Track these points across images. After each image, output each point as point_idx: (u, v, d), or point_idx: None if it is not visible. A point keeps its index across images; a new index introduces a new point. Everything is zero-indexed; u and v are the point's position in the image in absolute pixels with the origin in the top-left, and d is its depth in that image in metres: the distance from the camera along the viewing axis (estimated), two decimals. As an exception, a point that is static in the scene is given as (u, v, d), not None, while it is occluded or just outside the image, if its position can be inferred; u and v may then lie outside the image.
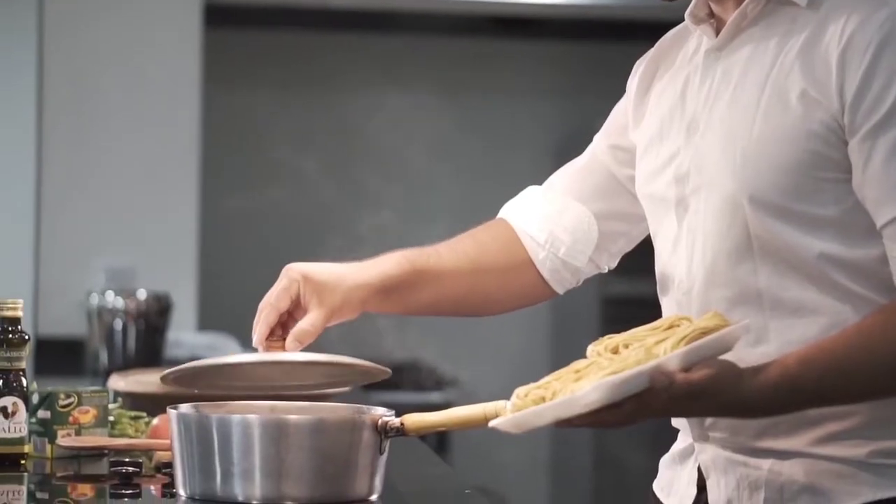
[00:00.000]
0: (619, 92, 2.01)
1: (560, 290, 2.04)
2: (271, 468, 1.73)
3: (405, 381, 5.36)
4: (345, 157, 5.86)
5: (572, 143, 6.30)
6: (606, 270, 2.05)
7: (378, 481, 1.80)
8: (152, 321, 4.22)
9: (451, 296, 2.00)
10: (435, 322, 5.75)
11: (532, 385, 1.61)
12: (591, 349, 1.65)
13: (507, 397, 1.71)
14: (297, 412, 1.86)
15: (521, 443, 5.40)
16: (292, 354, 1.86)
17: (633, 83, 1.96)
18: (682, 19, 1.88)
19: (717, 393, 1.60)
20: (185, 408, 1.82)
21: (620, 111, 1.99)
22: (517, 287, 2.03)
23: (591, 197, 2.00)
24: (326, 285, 1.91)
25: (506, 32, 5.76)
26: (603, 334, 1.69)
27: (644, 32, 2.79)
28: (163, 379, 1.87)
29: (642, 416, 1.59)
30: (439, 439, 5.22)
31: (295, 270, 1.91)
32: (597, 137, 2.03)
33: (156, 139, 4.80)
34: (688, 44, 1.88)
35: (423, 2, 5.33)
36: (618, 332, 1.68)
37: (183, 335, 4.40)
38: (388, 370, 1.89)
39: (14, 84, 4.81)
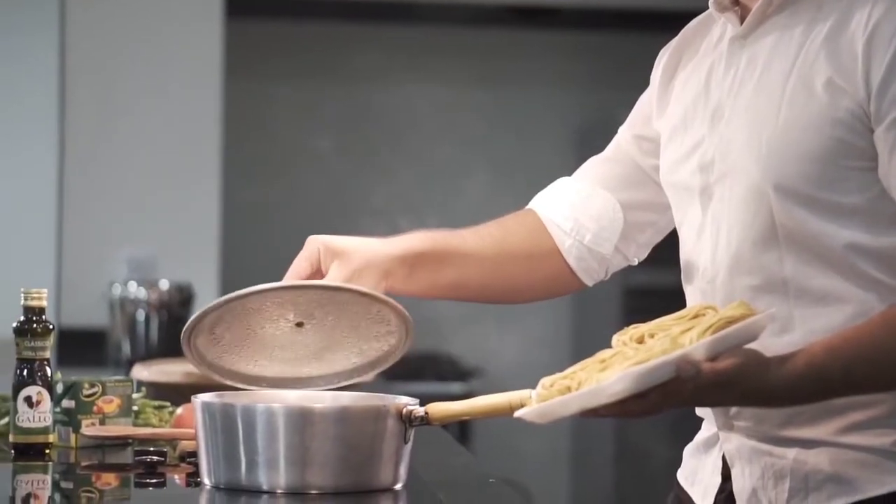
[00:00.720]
0: (641, 82, 2.00)
1: (588, 281, 2.03)
2: (296, 457, 1.73)
3: (427, 371, 5.36)
4: (367, 148, 5.86)
5: (593, 133, 6.28)
6: (636, 262, 2.04)
7: (402, 470, 1.80)
8: (174, 311, 4.23)
9: (476, 278, 1.99)
10: (457, 313, 5.76)
11: (557, 375, 1.61)
12: (617, 339, 1.65)
13: (530, 387, 1.71)
14: (321, 401, 1.86)
15: (543, 432, 5.40)
16: (315, 281, 1.86)
17: (657, 72, 1.96)
18: (704, 8, 1.87)
19: (744, 382, 1.59)
20: (209, 396, 1.82)
21: (645, 101, 1.99)
22: (543, 275, 2.02)
23: (617, 187, 2.00)
24: (346, 251, 1.90)
25: (526, 22, 5.75)
26: (625, 324, 1.68)
27: (666, 22, 2.78)
28: (187, 334, 1.86)
29: (668, 406, 1.58)
30: (461, 429, 5.23)
31: (316, 239, 1.92)
32: (622, 129, 2.02)
33: (178, 130, 4.80)
34: (712, 32, 1.88)
35: (443, -8, 5.33)
36: (640, 321, 1.68)
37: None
38: (410, 319, 1.88)
39: (36, 76, 4.83)
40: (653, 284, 4.95)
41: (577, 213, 2.00)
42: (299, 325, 1.89)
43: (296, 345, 1.91)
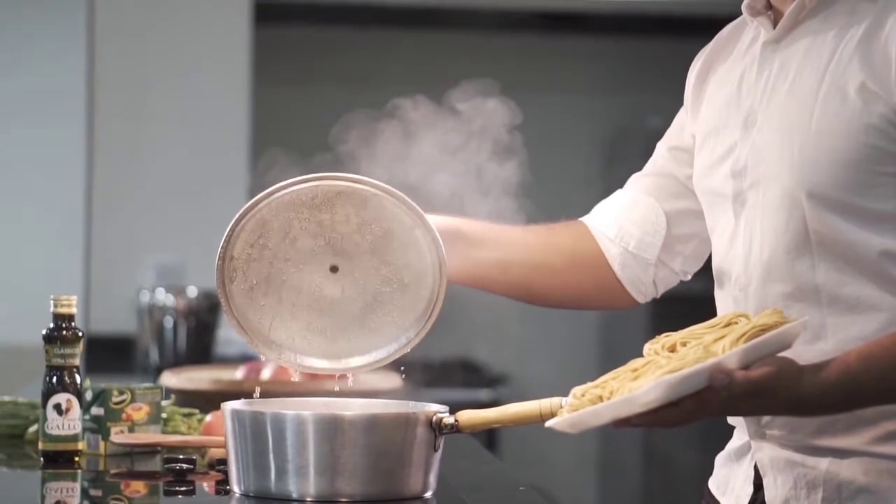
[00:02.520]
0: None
1: (637, 295, 1.99)
2: (325, 465, 1.72)
3: (454, 378, 5.35)
4: (395, 153, 5.85)
5: (623, 140, 6.25)
6: (687, 277, 2.01)
7: (432, 478, 1.79)
8: (202, 318, 4.22)
9: (518, 264, 1.96)
10: (484, 319, 5.74)
11: (589, 384, 1.60)
12: (648, 348, 1.64)
13: (558, 394, 1.70)
14: (350, 409, 1.85)
15: (571, 439, 5.38)
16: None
17: (690, 77, 1.95)
18: (734, 13, 1.85)
19: (777, 391, 1.57)
20: (239, 404, 1.81)
21: (680, 115, 1.98)
22: (589, 278, 1.99)
23: (658, 198, 1.98)
24: None
25: (556, 28, 5.74)
26: (653, 331, 1.67)
27: (696, 28, 2.77)
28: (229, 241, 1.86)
29: (701, 415, 1.57)
30: (488, 435, 5.22)
31: None
32: (658, 144, 2.02)
33: (206, 136, 4.81)
34: (744, 36, 1.87)
35: (472, -3, 5.33)
36: (668, 328, 1.66)
37: (233, 332, 4.39)
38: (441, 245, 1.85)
39: (65, 83, 4.85)
40: (682, 291, 4.93)
41: (622, 220, 1.99)
42: (334, 269, 1.88)
43: (334, 310, 1.89)
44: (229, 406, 1.80)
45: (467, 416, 1.77)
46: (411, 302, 1.90)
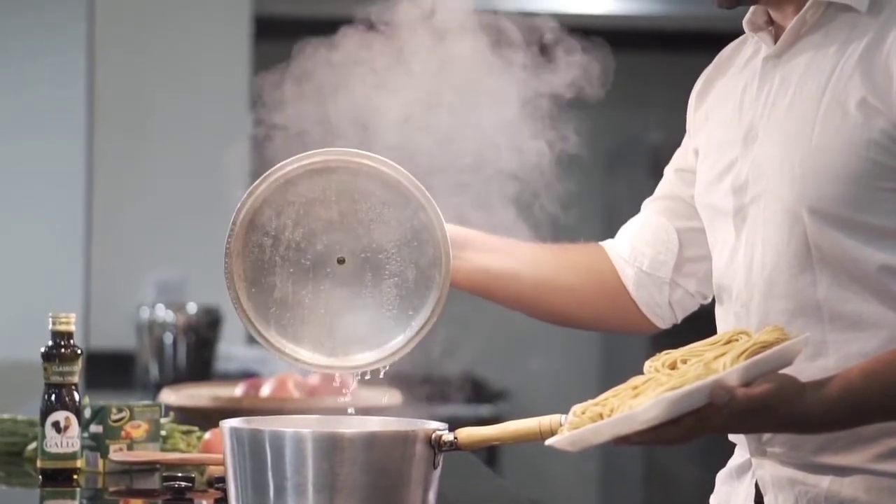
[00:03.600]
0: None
1: (655, 319, 1.98)
2: (324, 483, 1.71)
3: (454, 394, 5.34)
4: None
5: (622, 154, 6.23)
6: (706, 300, 1.98)
7: (432, 495, 1.78)
8: (202, 334, 4.22)
9: (530, 273, 1.95)
10: (485, 334, 5.74)
11: (589, 402, 1.59)
12: (649, 365, 1.63)
13: (558, 410, 1.69)
14: (349, 426, 1.84)
15: (572, 456, 5.35)
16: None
17: (691, 100, 1.95)
18: (735, 29, 1.85)
19: (779, 408, 1.57)
20: (237, 422, 1.80)
21: (685, 139, 1.98)
22: (604, 297, 1.98)
23: (668, 220, 1.97)
24: None
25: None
26: (653, 347, 1.67)
27: (696, 43, 2.77)
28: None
29: (702, 433, 1.56)
30: (489, 452, 5.21)
31: None
32: (666, 169, 2.01)
33: (206, 152, 4.80)
34: (744, 51, 1.86)
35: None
36: (668, 346, 1.66)
37: (233, 348, 4.40)
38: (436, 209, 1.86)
39: (66, 98, 4.85)
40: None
41: (635, 241, 1.98)
42: (341, 261, 1.88)
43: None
44: (227, 424, 1.79)
45: (467, 433, 1.77)
46: (419, 293, 1.90)
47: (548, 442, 1.62)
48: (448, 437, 1.76)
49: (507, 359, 5.84)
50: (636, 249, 1.98)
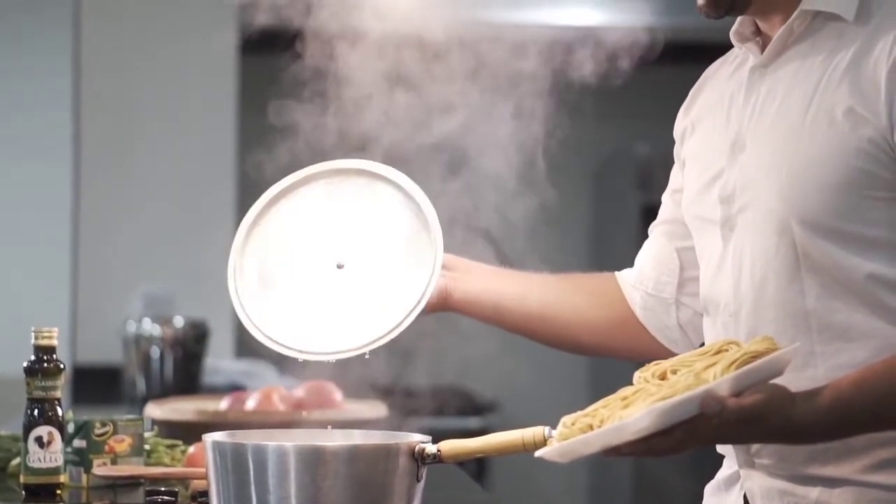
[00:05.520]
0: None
1: (665, 341, 1.96)
2: (307, 496, 1.70)
3: (443, 406, 5.33)
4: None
5: (611, 166, 6.22)
6: None
7: (416, 509, 1.76)
8: (189, 348, 4.20)
9: (538, 295, 1.96)
10: (475, 347, 5.72)
11: (579, 413, 1.58)
12: (639, 375, 1.62)
13: (548, 422, 1.68)
14: (332, 440, 1.83)
15: (561, 468, 5.34)
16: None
17: (679, 118, 1.93)
18: (723, 41, 1.84)
19: (770, 417, 1.56)
20: (220, 436, 1.79)
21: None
22: (613, 319, 1.98)
23: (669, 241, 1.96)
24: None
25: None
26: (642, 360, 1.65)
27: (685, 54, 2.76)
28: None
29: (692, 444, 1.55)
30: (478, 464, 5.19)
31: None
32: (663, 195, 2.00)
33: (193, 166, 4.80)
34: (731, 61, 1.85)
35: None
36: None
37: (220, 362, 4.38)
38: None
39: (51, 113, 4.84)
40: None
41: (640, 265, 1.98)
42: (340, 267, 1.91)
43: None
44: (210, 437, 1.77)
45: (450, 446, 1.75)
46: (410, 285, 1.90)
47: (537, 453, 1.61)
48: (431, 449, 1.75)
49: (496, 371, 5.83)
50: (642, 273, 1.97)
